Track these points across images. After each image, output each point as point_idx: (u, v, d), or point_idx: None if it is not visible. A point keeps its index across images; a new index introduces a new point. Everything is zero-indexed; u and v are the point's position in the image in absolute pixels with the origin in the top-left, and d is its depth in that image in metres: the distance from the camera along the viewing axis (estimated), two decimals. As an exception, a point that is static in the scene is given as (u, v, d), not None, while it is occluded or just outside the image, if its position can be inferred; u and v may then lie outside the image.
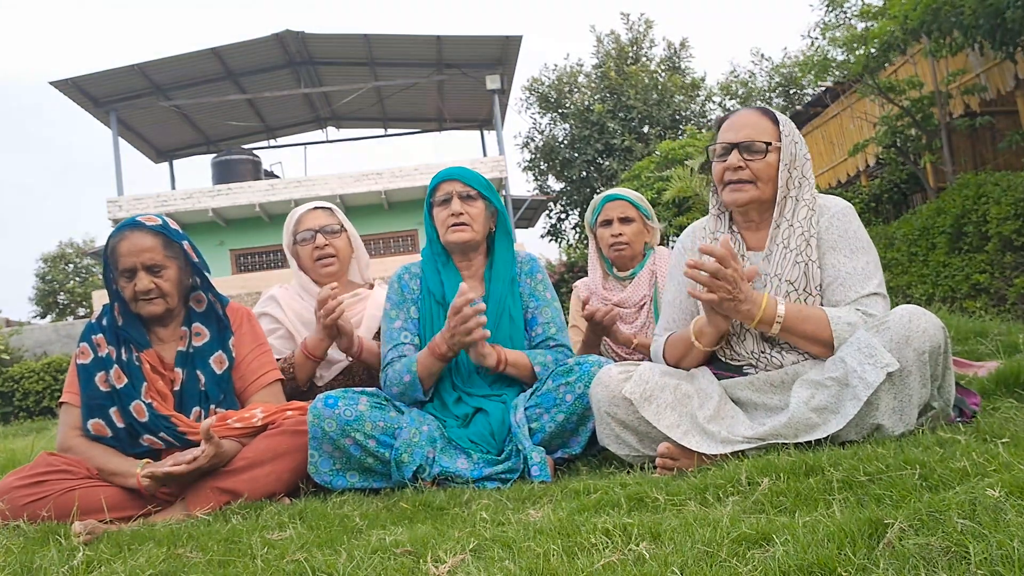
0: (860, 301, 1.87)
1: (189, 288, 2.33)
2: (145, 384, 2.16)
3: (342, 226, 2.85)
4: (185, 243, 2.26)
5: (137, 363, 2.18)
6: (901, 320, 1.69)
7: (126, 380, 2.15)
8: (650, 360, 2.20)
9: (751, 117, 2.04)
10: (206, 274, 2.34)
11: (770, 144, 1.98)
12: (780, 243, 1.97)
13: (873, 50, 8.37)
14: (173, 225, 2.28)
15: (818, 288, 1.91)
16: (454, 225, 2.38)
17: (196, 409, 2.20)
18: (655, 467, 1.84)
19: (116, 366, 2.16)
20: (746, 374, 1.97)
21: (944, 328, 1.71)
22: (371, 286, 2.95)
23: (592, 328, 2.82)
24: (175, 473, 1.98)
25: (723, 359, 2.03)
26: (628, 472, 1.90)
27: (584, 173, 19.41)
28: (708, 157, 2.12)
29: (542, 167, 20.85)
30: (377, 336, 2.71)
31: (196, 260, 2.29)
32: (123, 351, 2.19)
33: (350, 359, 2.68)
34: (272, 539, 1.55)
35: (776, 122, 2.02)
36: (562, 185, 20.36)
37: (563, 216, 21.06)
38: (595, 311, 2.71)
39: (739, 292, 1.82)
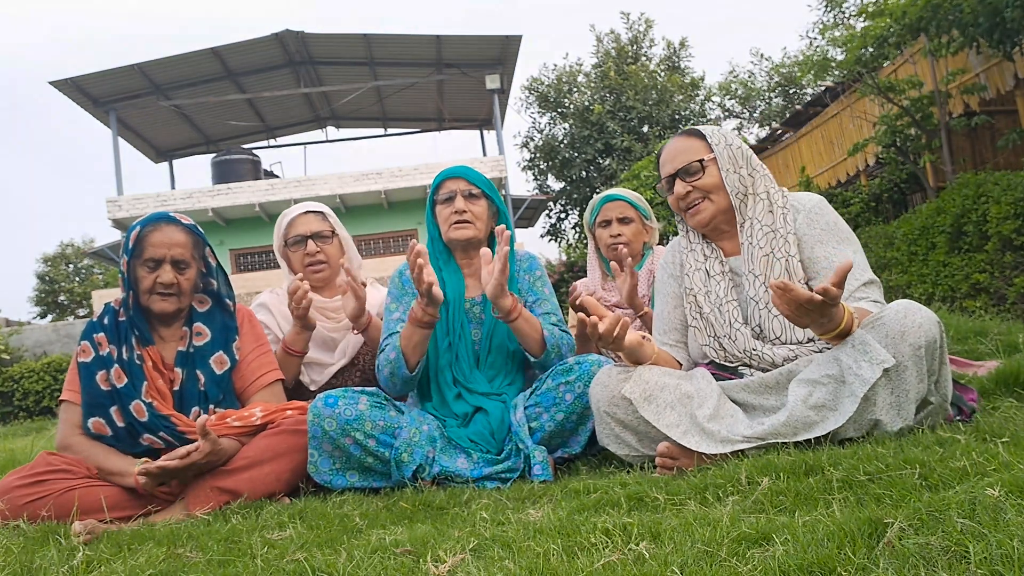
0: (861, 290, 1.89)
1: (196, 288, 2.34)
2: (146, 383, 2.16)
3: (334, 231, 2.84)
4: (207, 248, 2.32)
5: (138, 361, 2.18)
6: (896, 315, 1.69)
7: (126, 379, 2.15)
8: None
9: (678, 143, 2.12)
10: (226, 275, 2.38)
11: (703, 159, 2.05)
12: (747, 241, 2.02)
13: (871, 48, 8.37)
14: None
15: (802, 284, 1.92)
16: (457, 222, 2.39)
17: (196, 409, 2.20)
18: (655, 467, 1.84)
19: (117, 365, 2.16)
20: (742, 375, 1.97)
21: (939, 322, 1.71)
22: (363, 286, 2.95)
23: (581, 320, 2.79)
24: (170, 468, 1.97)
25: (717, 360, 2.03)
26: (628, 472, 1.90)
27: (584, 173, 19.41)
28: (662, 194, 2.19)
29: (542, 167, 20.85)
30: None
31: (216, 263, 2.33)
32: (124, 350, 2.19)
33: (348, 357, 2.69)
34: (272, 539, 1.55)
35: (703, 136, 2.08)
36: (562, 185, 20.37)
37: (563, 216, 21.06)
38: (579, 295, 2.69)
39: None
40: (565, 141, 19.94)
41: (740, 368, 2.00)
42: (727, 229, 2.10)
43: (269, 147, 20.60)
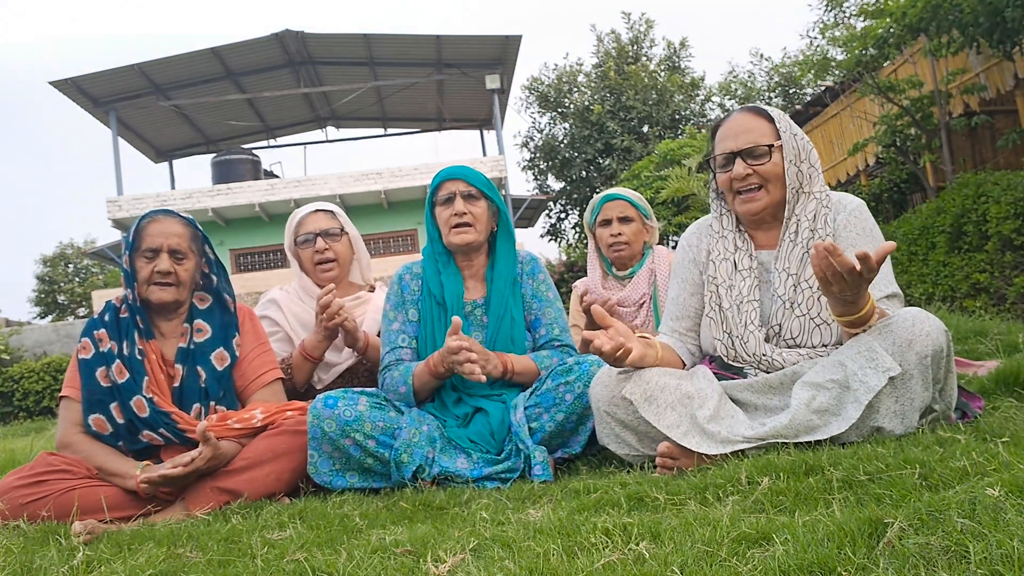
0: (883, 302, 1.85)
1: (197, 286, 2.36)
2: (147, 379, 2.16)
3: (343, 229, 2.84)
4: (206, 246, 2.34)
5: (140, 357, 2.19)
6: (904, 323, 1.68)
7: (128, 375, 2.15)
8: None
9: (747, 121, 1.99)
10: (226, 272, 2.40)
11: (772, 145, 1.95)
12: (787, 239, 1.97)
13: (871, 49, 8.37)
14: None
15: None
16: (457, 226, 2.37)
17: (196, 406, 2.21)
18: (655, 467, 1.84)
19: (118, 360, 2.16)
20: (745, 375, 1.97)
21: (947, 331, 1.70)
22: (372, 288, 2.95)
23: (591, 321, 2.81)
24: (172, 476, 1.98)
25: (725, 360, 2.02)
26: (628, 472, 1.90)
27: (584, 173, 19.41)
28: (711, 167, 2.09)
29: (542, 167, 20.87)
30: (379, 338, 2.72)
31: (214, 257, 2.35)
32: (125, 345, 2.20)
33: (355, 357, 2.69)
34: (272, 539, 1.55)
35: (772, 120, 1.99)
36: (562, 185, 20.37)
37: (563, 216, 21.08)
38: (593, 301, 2.71)
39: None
40: (565, 141, 19.95)
41: (746, 369, 1.98)
42: (769, 221, 2.03)
43: (269, 147, 20.61)
